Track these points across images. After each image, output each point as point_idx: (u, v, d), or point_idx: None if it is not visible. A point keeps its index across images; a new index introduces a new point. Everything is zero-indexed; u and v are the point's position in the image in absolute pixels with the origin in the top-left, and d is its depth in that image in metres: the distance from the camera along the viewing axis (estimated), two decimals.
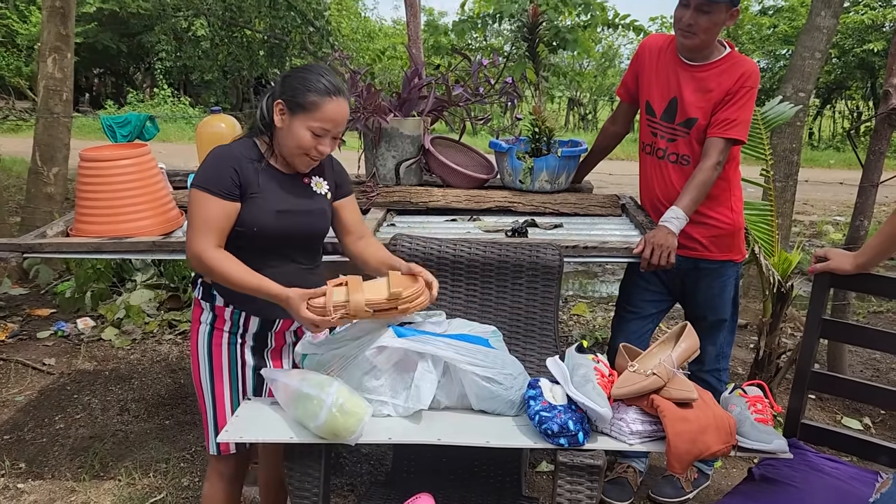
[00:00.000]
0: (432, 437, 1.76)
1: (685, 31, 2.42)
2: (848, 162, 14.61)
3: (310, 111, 1.84)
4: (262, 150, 1.94)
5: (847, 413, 3.53)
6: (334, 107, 1.85)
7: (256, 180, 1.89)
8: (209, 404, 2.05)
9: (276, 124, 1.88)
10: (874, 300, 5.42)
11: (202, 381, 2.04)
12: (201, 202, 1.85)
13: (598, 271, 6.41)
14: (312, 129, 1.85)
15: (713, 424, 1.76)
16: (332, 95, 1.84)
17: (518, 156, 2.89)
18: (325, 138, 1.88)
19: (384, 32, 20.25)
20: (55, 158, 5.14)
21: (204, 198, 1.84)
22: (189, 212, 1.89)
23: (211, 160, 1.90)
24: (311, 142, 1.86)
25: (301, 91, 1.84)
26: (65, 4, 5.00)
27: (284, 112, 1.87)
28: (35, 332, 4.28)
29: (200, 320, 2.02)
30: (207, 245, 1.84)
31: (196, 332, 2.03)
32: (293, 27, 9.45)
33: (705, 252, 2.61)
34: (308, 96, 1.83)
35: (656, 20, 16.93)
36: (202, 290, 2.00)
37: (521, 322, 2.36)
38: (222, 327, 2.01)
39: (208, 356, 2.02)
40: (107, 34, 17.89)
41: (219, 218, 1.85)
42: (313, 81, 1.84)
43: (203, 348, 2.02)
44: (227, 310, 1.98)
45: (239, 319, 1.99)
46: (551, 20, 5.29)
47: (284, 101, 1.86)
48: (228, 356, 2.01)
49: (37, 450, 3.02)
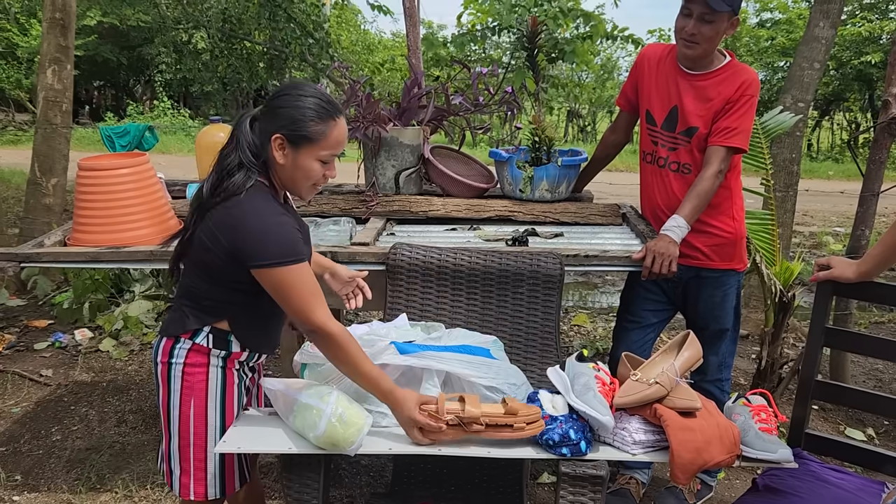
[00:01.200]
0: (433, 448, 1.74)
1: (688, 40, 2.41)
2: (847, 173, 14.63)
3: (316, 141, 1.71)
4: (276, 193, 1.80)
5: (850, 424, 3.51)
6: (339, 130, 1.74)
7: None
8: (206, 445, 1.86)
9: (276, 160, 1.73)
10: (875, 310, 5.40)
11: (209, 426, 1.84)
12: (297, 275, 1.69)
13: (598, 282, 6.39)
14: (322, 158, 1.74)
15: (717, 434, 1.74)
16: (335, 117, 1.73)
17: (518, 165, 2.88)
18: (330, 163, 1.78)
19: (383, 45, 20.33)
20: (54, 169, 5.13)
21: (295, 270, 1.69)
22: (282, 291, 1.70)
23: (270, 230, 1.69)
24: (320, 171, 1.76)
25: (301, 122, 1.70)
26: (65, 16, 5.01)
27: (285, 147, 1.72)
28: (32, 343, 4.25)
29: (209, 365, 1.83)
30: (328, 315, 1.71)
31: (204, 377, 1.83)
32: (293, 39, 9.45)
33: (707, 261, 2.60)
34: (310, 126, 1.70)
35: (654, 33, 16.99)
36: (212, 338, 1.82)
37: (521, 331, 2.34)
38: (232, 367, 1.87)
39: (221, 400, 1.85)
40: (107, 47, 17.96)
41: (315, 282, 1.73)
42: (311, 107, 1.70)
43: (215, 393, 1.84)
44: (245, 353, 1.87)
45: (252, 356, 1.90)
46: (551, 31, 5.31)
47: (284, 135, 1.71)
48: (238, 395, 1.89)
49: (33, 462, 2.99)
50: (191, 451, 1.86)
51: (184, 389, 1.83)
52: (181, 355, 1.82)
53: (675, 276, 2.37)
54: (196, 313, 1.82)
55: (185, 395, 1.83)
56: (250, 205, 1.71)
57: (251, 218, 1.69)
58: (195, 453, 1.86)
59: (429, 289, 2.36)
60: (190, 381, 1.83)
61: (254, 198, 1.72)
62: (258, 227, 1.69)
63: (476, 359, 1.91)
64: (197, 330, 1.82)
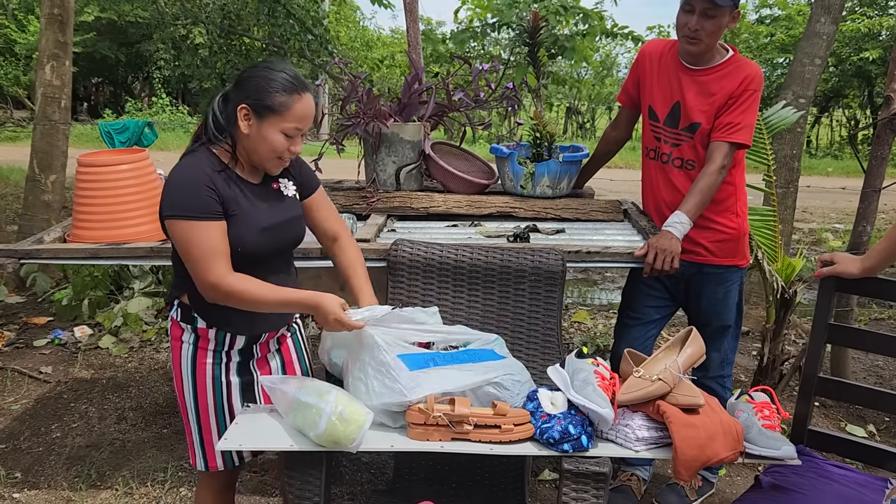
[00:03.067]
0: (435, 445, 1.73)
1: (691, 37, 2.40)
2: (846, 170, 14.63)
3: (280, 112, 1.73)
4: (226, 161, 1.81)
5: (851, 420, 3.50)
6: (305, 104, 1.76)
7: (232, 195, 1.78)
8: (194, 423, 1.96)
9: (241, 130, 1.76)
10: (875, 307, 5.40)
11: (186, 400, 1.95)
12: (194, 232, 1.72)
13: (598, 279, 6.38)
14: (285, 131, 1.76)
15: (721, 431, 1.73)
16: (300, 92, 1.75)
17: (519, 161, 2.87)
18: (296, 137, 1.79)
19: (382, 41, 20.29)
20: (53, 166, 5.11)
21: (194, 226, 1.71)
22: (181, 244, 1.74)
23: (180, 184, 1.74)
24: (284, 144, 1.77)
25: (267, 92, 1.72)
26: (63, 12, 4.99)
27: (250, 117, 1.75)
28: (32, 340, 4.24)
29: (182, 339, 1.91)
30: (224, 272, 1.73)
31: (178, 352, 1.92)
32: (292, 35, 9.43)
33: (710, 257, 2.59)
34: (275, 97, 1.72)
35: (654, 29, 16.96)
36: (180, 311, 1.90)
37: (523, 328, 2.33)
38: (206, 346, 1.91)
39: (192, 377, 1.92)
40: (105, 43, 17.92)
41: (221, 240, 1.74)
42: (278, 80, 1.73)
43: (187, 369, 1.92)
44: (212, 331, 1.89)
45: (224, 339, 1.90)
46: (551, 27, 5.29)
47: (249, 105, 1.74)
48: (213, 378, 1.92)
49: (33, 459, 2.98)
50: (183, 417, 1.99)
51: (172, 359, 1.97)
52: (170, 327, 1.96)
53: (678, 273, 2.36)
54: (173, 285, 1.92)
55: (173, 364, 1.96)
56: (180, 163, 1.79)
57: (172, 173, 1.78)
58: (184, 419, 1.99)
59: (430, 285, 2.35)
60: (173, 353, 1.96)
61: (189, 158, 1.80)
62: (172, 180, 1.76)
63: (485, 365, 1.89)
64: (171, 303, 1.93)
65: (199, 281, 1.76)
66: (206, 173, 1.76)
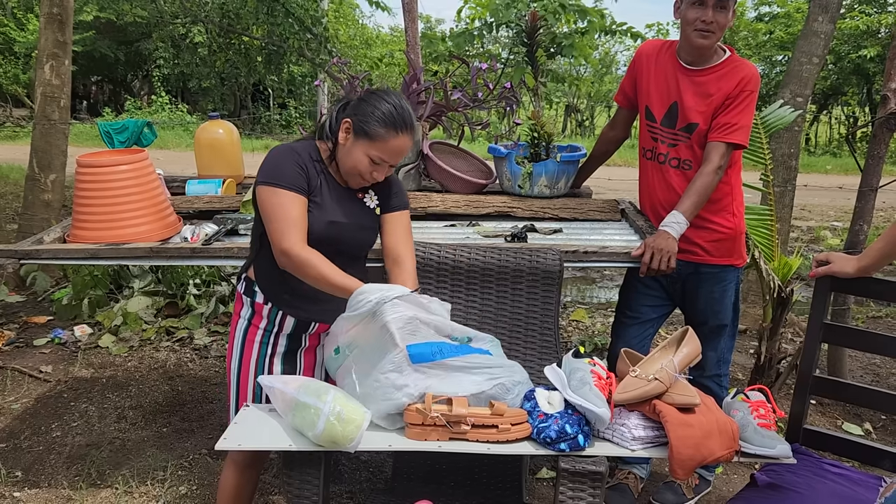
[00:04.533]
0: (433, 445, 1.75)
1: (704, 30, 2.40)
2: (845, 167, 14.64)
3: (373, 140, 1.86)
4: (324, 157, 1.97)
5: (847, 418, 3.52)
6: (398, 143, 1.88)
7: (318, 184, 1.93)
8: (233, 395, 2.11)
9: (339, 140, 1.91)
10: (873, 305, 5.41)
11: (231, 373, 2.10)
12: (280, 198, 1.85)
13: (597, 277, 6.40)
14: (371, 157, 1.88)
15: (716, 429, 1.75)
16: (399, 131, 1.87)
17: (517, 161, 2.88)
18: (381, 166, 1.91)
19: (381, 40, 20.29)
20: (52, 165, 5.12)
21: (282, 194, 1.85)
22: (265, 209, 1.87)
23: (278, 157, 1.90)
24: (368, 168, 1.89)
25: (370, 118, 1.86)
26: (62, 11, 4.99)
27: (350, 132, 1.89)
28: (32, 339, 4.25)
29: (240, 314, 2.08)
30: (297, 241, 1.83)
31: (234, 325, 2.10)
32: (291, 34, 9.42)
33: (706, 256, 2.60)
34: (375, 126, 1.86)
35: (652, 27, 16.98)
36: (245, 284, 2.05)
37: (521, 328, 2.34)
38: (258, 324, 2.05)
39: (241, 349, 2.07)
40: (104, 42, 17.92)
41: (301, 214, 1.86)
42: (385, 112, 1.86)
43: (238, 342, 2.08)
44: (266, 307, 2.02)
45: (276, 318, 2.03)
46: (549, 25, 5.30)
47: (352, 121, 1.89)
48: (258, 354, 2.06)
49: (33, 458, 3.00)
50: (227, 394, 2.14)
51: (230, 334, 2.12)
52: (234, 301, 2.15)
53: (674, 272, 2.37)
54: (245, 262, 2.10)
55: (230, 338, 2.11)
56: (284, 143, 1.96)
57: (274, 148, 1.94)
58: (227, 395, 2.14)
59: (428, 285, 2.36)
60: (231, 326, 2.11)
61: (295, 142, 1.98)
62: (272, 153, 1.92)
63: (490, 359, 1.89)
64: (240, 276, 2.09)
65: (275, 245, 1.86)
66: (303, 156, 1.92)
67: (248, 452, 2.09)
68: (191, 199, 2.87)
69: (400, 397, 1.76)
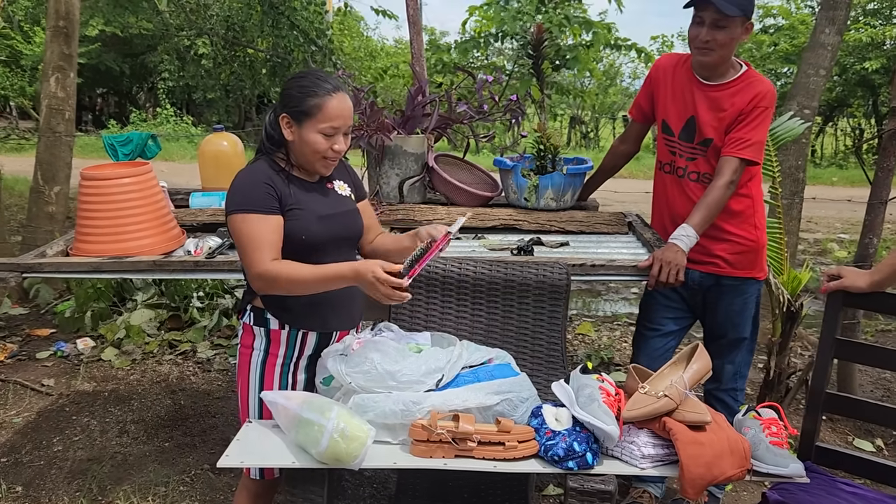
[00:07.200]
0: (438, 462, 1.71)
1: (702, 48, 2.39)
2: (851, 179, 14.59)
3: (314, 115, 1.85)
4: (283, 165, 1.96)
5: (859, 434, 3.47)
6: (336, 103, 1.86)
7: (289, 192, 1.91)
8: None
9: (287, 138, 1.90)
10: (881, 318, 5.36)
11: (250, 405, 2.03)
12: (247, 224, 1.84)
13: (602, 289, 6.36)
14: (323, 131, 1.87)
15: (728, 448, 1.71)
16: (332, 93, 1.86)
17: (523, 173, 2.86)
18: (336, 136, 1.89)
19: (386, 52, 20.33)
20: (57, 177, 5.12)
21: (248, 219, 1.84)
22: (236, 239, 1.87)
23: (240, 183, 1.89)
24: (325, 144, 1.88)
25: (301, 99, 1.85)
26: (68, 24, 5.01)
27: (292, 124, 1.89)
28: (34, 352, 4.23)
29: (253, 346, 2.01)
30: (267, 259, 1.82)
31: (248, 358, 2.02)
32: (295, 46, 9.44)
33: (728, 268, 2.57)
34: (308, 101, 1.85)
35: (657, 39, 17.02)
36: (253, 316, 1.99)
37: (527, 342, 2.31)
38: (277, 353, 2.00)
39: (259, 381, 2.01)
40: (110, 55, 18.01)
41: (267, 232, 1.85)
42: (309, 86, 1.86)
43: (255, 373, 2.01)
44: (284, 332, 1.98)
45: (295, 341, 2.00)
46: (554, 38, 5.29)
47: (288, 113, 1.88)
48: (279, 386, 2.02)
49: (34, 473, 2.97)
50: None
51: (239, 368, 2.05)
52: (240, 335, 2.05)
53: (695, 284, 2.35)
54: (244, 293, 2.04)
55: (239, 373, 2.05)
56: (242, 169, 1.95)
57: (235, 177, 1.92)
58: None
59: (433, 299, 2.33)
60: (241, 360, 2.04)
61: (250, 164, 1.96)
62: (234, 181, 1.90)
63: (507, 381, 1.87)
64: (243, 309, 2.03)
65: (249, 272, 1.86)
66: (265, 173, 1.91)
67: (260, 481, 2.08)
68: (194, 212, 2.85)
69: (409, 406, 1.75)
